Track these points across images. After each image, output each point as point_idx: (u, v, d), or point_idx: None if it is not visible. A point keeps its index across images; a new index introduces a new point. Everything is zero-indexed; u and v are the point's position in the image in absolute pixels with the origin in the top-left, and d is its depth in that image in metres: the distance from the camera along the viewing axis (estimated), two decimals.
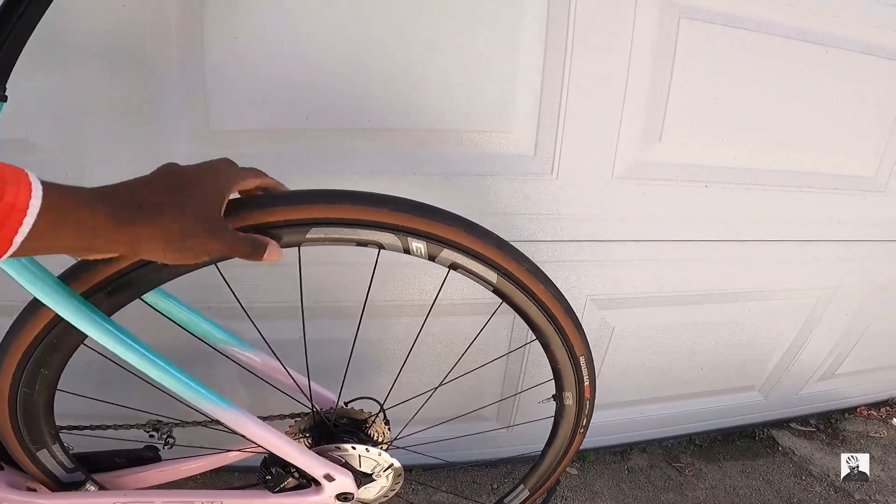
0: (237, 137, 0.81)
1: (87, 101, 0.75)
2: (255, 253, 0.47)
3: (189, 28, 0.73)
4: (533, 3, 0.78)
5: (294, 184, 0.80)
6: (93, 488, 0.70)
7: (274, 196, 0.53)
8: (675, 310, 1.13)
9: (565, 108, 0.84)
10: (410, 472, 1.28)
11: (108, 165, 0.79)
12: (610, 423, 1.31)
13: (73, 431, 0.72)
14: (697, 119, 0.90)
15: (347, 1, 0.74)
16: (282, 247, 0.54)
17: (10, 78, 0.51)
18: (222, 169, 0.46)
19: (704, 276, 1.08)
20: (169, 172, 0.43)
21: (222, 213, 0.44)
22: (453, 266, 0.58)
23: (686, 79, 0.86)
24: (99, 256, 0.40)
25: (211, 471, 0.79)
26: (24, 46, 0.51)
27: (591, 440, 1.33)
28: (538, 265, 0.64)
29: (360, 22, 0.75)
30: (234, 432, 0.60)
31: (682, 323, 1.17)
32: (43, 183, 0.34)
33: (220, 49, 0.75)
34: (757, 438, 1.52)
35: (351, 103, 0.80)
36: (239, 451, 0.73)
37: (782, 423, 1.57)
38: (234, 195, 0.49)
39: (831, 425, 1.59)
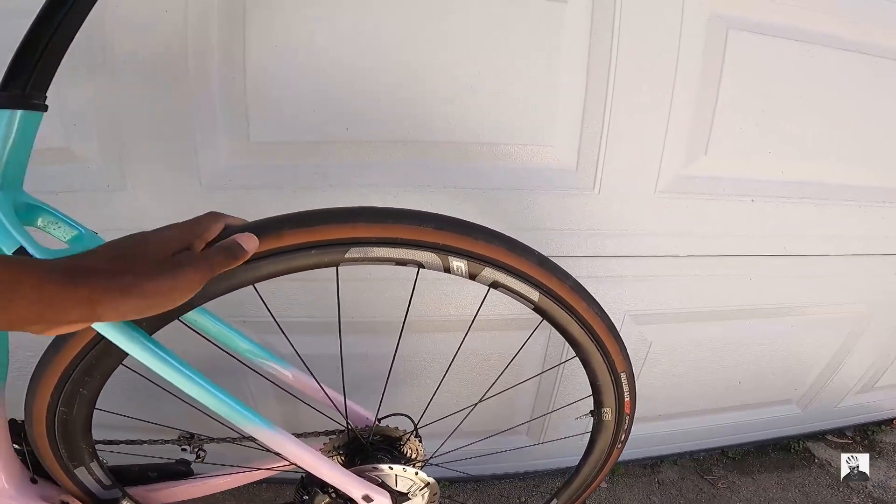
0: (277, 149, 0.80)
1: (127, 111, 0.75)
2: (234, 255, 0.46)
3: (231, 37, 0.73)
4: (575, 16, 0.77)
5: (332, 196, 0.81)
6: None
7: (311, 214, 0.52)
8: (714, 325, 1.10)
9: (609, 122, 0.82)
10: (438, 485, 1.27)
11: (148, 176, 0.79)
12: (641, 436, 1.28)
13: (109, 446, 0.72)
14: (745, 132, 0.87)
15: (391, 14, 0.73)
16: (319, 267, 0.53)
17: (52, 87, 0.51)
18: (175, 226, 0.45)
19: (747, 291, 1.05)
20: (118, 239, 0.42)
21: (178, 252, 0.43)
22: (494, 285, 0.56)
23: (733, 91, 0.84)
24: (60, 329, 0.37)
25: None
26: (64, 54, 0.50)
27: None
28: (579, 281, 0.62)
29: (402, 34, 0.74)
30: (272, 451, 0.59)
31: (721, 338, 1.13)
32: None
33: (261, 59, 0.74)
34: (792, 451, 1.47)
35: (392, 115, 0.79)
36: (271, 469, 0.72)
37: (818, 436, 1.52)
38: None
39: (867, 437, 1.54)
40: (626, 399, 0.73)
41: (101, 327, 0.49)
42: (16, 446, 0.64)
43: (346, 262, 0.52)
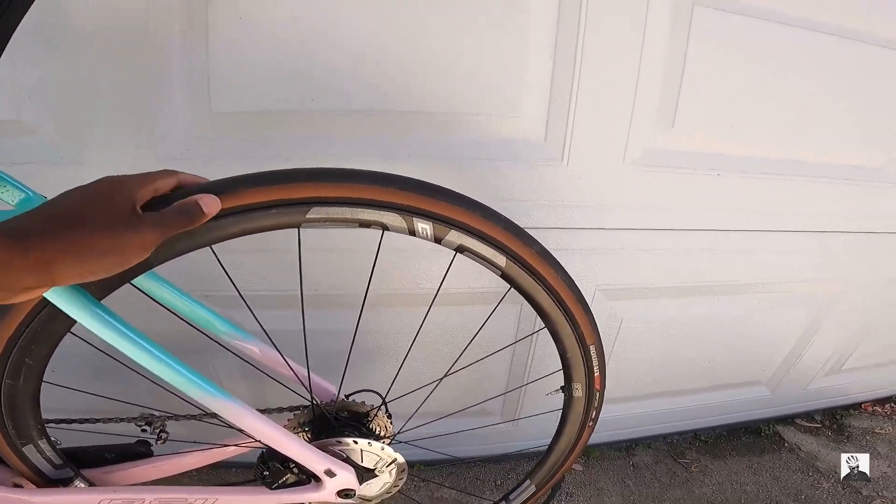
0: (240, 119, 0.78)
1: (85, 84, 0.73)
2: (192, 216, 0.44)
3: (192, 8, 0.71)
4: None
5: (294, 166, 0.79)
6: (82, 485, 0.67)
7: (272, 173, 0.50)
8: (684, 301, 1.12)
9: (577, 94, 0.82)
10: (412, 468, 1.25)
11: (105, 148, 0.77)
12: (615, 417, 1.29)
13: (61, 425, 0.69)
14: (710, 107, 0.88)
15: None
16: (279, 228, 0.51)
17: (6, 60, 0.48)
18: (121, 176, 0.43)
19: (715, 266, 1.06)
20: (63, 194, 0.40)
21: (134, 208, 0.41)
22: (460, 249, 0.55)
23: (699, 66, 0.84)
24: (19, 297, 0.35)
25: (207, 467, 0.76)
26: (15, 29, 0.48)
27: (595, 435, 1.29)
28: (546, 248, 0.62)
29: (370, 3, 0.73)
30: (231, 425, 0.57)
31: (691, 314, 1.15)
32: None
33: (224, 29, 0.72)
34: (762, 434, 1.50)
35: (359, 85, 0.77)
36: (236, 445, 0.70)
37: (787, 419, 1.56)
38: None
39: (836, 421, 1.58)
40: (595, 374, 0.72)
41: (47, 292, 0.47)
42: None
43: (307, 222, 0.51)
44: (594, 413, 0.78)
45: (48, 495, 0.62)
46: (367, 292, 0.65)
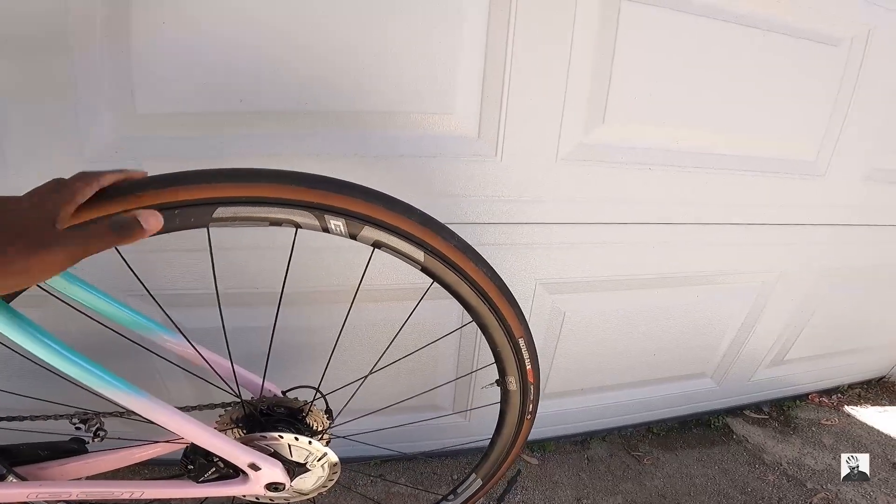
0: (167, 121, 0.77)
1: (4, 86, 0.72)
2: (126, 234, 0.42)
3: (114, 12, 0.70)
4: None
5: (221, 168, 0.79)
6: (14, 480, 0.66)
7: (174, 175, 0.49)
8: (625, 294, 1.14)
9: (508, 89, 0.83)
10: (369, 464, 1.26)
11: (29, 152, 0.75)
12: (568, 411, 1.32)
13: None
14: (640, 101, 0.90)
15: None
16: (187, 228, 0.51)
17: None
18: (51, 184, 0.42)
19: (652, 259, 1.09)
20: None
21: (53, 224, 0.39)
22: (377, 244, 0.56)
23: (628, 61, 0.86)
24: None
25: (146, 463, 0.75)
26: None
27: (550, 430, 1.34)
28: (479, 249, 0.63)
29: (297, 3, 0.73)
30: (148, 421, 0.57)
31: (632, 307, 1.17)
32: None
33: (146, 34, 0.72)
34: (712, 426, 1.54)
35: (288, 85, 0.77)
36: (167, 442, 0.70)
37: (736, 411, 1.60)
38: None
39: (783, 412, 1.63)
40: (527, 367, 0.74)
41: None
42: None
43: (214, 222, 0.51)
44: (531, 406, 0.79)
45: None
46: (283, 289, 0.65)
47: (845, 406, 1.68)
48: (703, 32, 0.88)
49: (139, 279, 0.60)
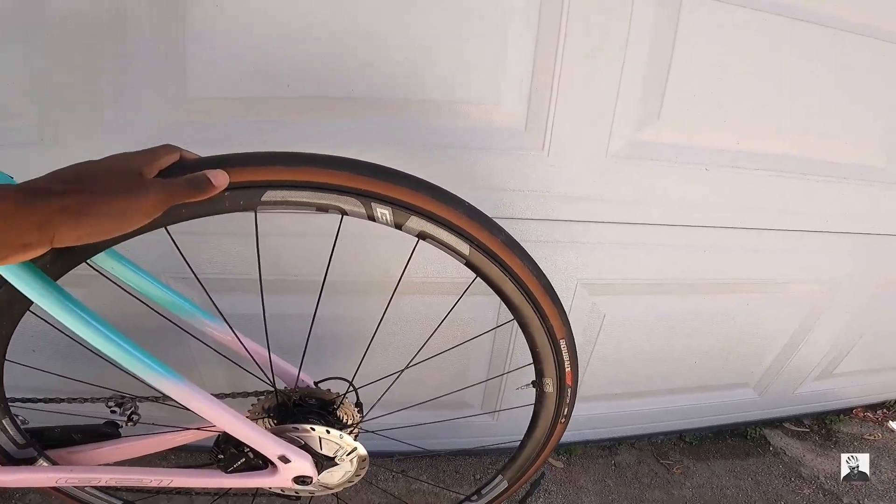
0: (216, 105, 0.78)
1: (63, 67, 0.73)
2: (201, 188, 0.45)
3: None
4: None
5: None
6: (45, 465, 0.66)
7: (225, 156, 0.49)
8: (669, 298, 1.09)
9: (559, 81, 0.80)
10: (392, 459, 1.25)
11: (82, 132, 0.77)
12: (598, 416, 1.28)
13: (27, 404, 0.69)
14: (699, 99, 0.85)
15: None
16: (236, 211, 0.50)
17: None
18: (130, 153, 0.45)
19: (702, 264, 1.04)
20: (77, 164, 0.42)
21: (141, 175, 0.42)
22: (422, 235, 0.54)
23: (688, 56, 0.82)
24: (15, 256, 0.36)
25: (174, 449, 0.76)
26: None
27: (578, 433, 1.31)
28: (522, 242, 0.60)
29: None
30: (183, 407, 0.56)
31: (676, 312, 1.12)
32: None
33: (201, 16, 0.72)
34: (748, 437, 1.49)
35: (335, 72, 0.76)
36: (197, 429, 0.70)
37: (776, 423, 1.54)
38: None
39: (825, 426, 1.56)
40: (566, 369, 0.71)
41: (3, 270, 0.46)
42: None
43: (263, 205, 0.50)
44: (566, 409, 0.77)
45: (6, 474, 0.62)
46: (324, 279, 0.64)
47: (890, 421, 1.60)
48: (773, 29, 0.83)
49: (186, 261, 0.60)
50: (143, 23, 0.72)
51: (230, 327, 0.65)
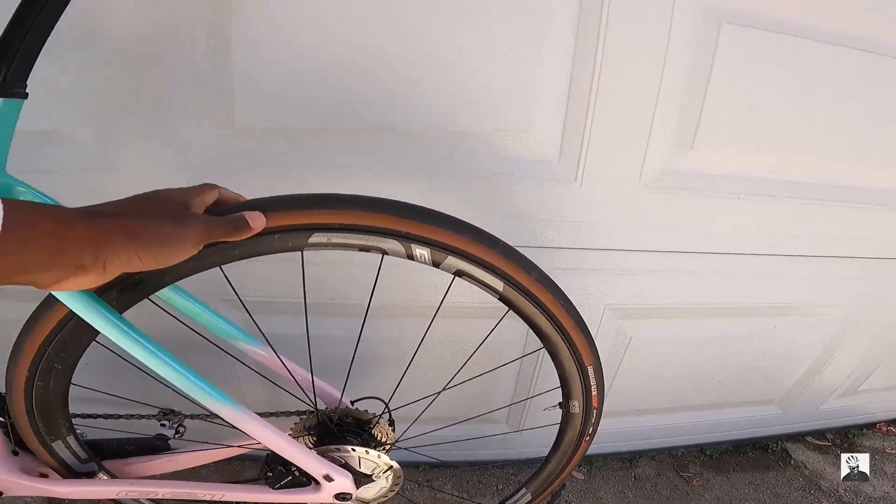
0: (261, 134, 0.80)
1: (115, 94, 0.76)
2: (239, 229, 0.47)
3: (218, 22, 0.73)
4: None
5: (313, 183, 0.82)
6: (104, 478, 0.71)
7: (274, 199, 0.52)
8: (697, 322, 1.09)
9: (593, 111, 0.80)
10: (417, 469, 1.29)
11: (134, 158, 0.80)
12: (619, 430, 1.29)
13: (87, 420, 0.74)
14: (734, 127, 0.85)
15: (373, 2, 0.73)
16: (284, 251, 0.54)
17: (45, 70, 0.52)
18: (176, 189, 0.47)
19: (731, 289, 1.03)
20: (131, 195, 0.44)
21: (188, 208, 0.45)
22: (458, 273, 0.57)
23: (724, 85, 0.81)
24: (67, 282, 0.37)
25: (220, 461, 0.80)
26: (44, 42, 0.51)
27: (598, 446, 1.32)
28: (551, 273, 0.63)
29: (382, 19, 0.74)
30: (238, 429, 0.60)
31: (703, 335, 1.13)
32: (6, 200, 0.32)
33: (246, 43, 0.74)
34: (770, 451, 1.49)
35: (373, 101, 0.78)
36: (240, 446, 0.74)
37: (798, 437, 1.53)
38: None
39: (848, 440, 1.55)
40: (593, 393, 0.73)
41: (73, 304, 0.50)
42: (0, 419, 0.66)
43: (309, 247, 0.53)
44: (591, 429, 0.79)
45: (71, 486, 0.67)
46: (367, 311, 0.67)
47: None
48: (810, 56, 0.82)
49: (232, 286, 0.63)
50: (194, 51, 0.74)
51: (275, 352, 0.69)
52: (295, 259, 0.85)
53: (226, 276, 0.59)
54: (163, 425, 0.76)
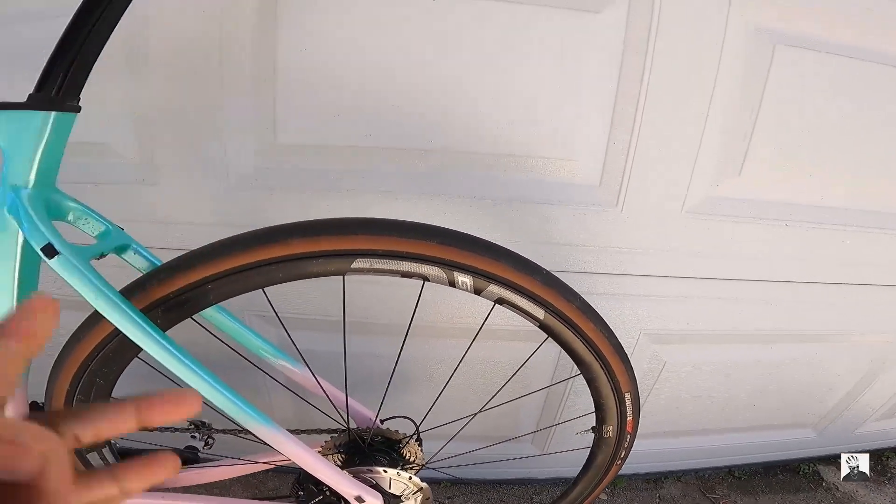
0: (301, 152, 0.80)
1: (161, 109, 0.77)
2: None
3: (262, 39, 0.73)
4: (609, 26, 0.73)
5: (351, 201, 0.82)
6: None
7: (320, 223, 0.53)
8: (734, 347, 1.06)
9: (637, 138, 0.79)
10: (438, 486, 1.28)
11: (179, 173, 0.80)
12: (646, 451, 1.26)
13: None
14: (784, 152, 0.82)
15: (417, 24, 0.72)
16: (326, 275, 0.54)
17: (95, 83, 0.52)
18: None
19: (772, 316, 1.01)
20: None
21: None
22: (499, 301, 0.56)
23: (775, 109, 0.79)
24: None
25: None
26: (97, 56, 0.51)
27: (624, 467, 1.29)
28: (588, 298, 0.61)
29: (426, 43, 0.74)
30: (274, 449, 0.60)
31: (738, 361, 1.10)
32: None
33: (290, 60, 0.74)
34: (801, 473, 1.44)
35: (413, 123, 0.78)
36: (267, 462, 0.75)
37: (831, 459, 1.48)
38: None
39: (881, 462, 1.50)
40: (628, 418, 0.72)
41: (120, 322, 0.51)
42: None
43: (351, 272, 0.53)
44: (623, 453, 0.78)
45: None
46: (406, 336, 0.66)
47: None
48: (865, 77, 0.79)
49: (273, 307, 0.63)
50: (239, 68, 0.74)
51: (311, 371, 0.69)
52: (327, 278, 0.85)
53: (268, 299, 0.60)
54: (193, 437, 0.76)
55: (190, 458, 0.79)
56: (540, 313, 0.57)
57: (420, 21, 0.72)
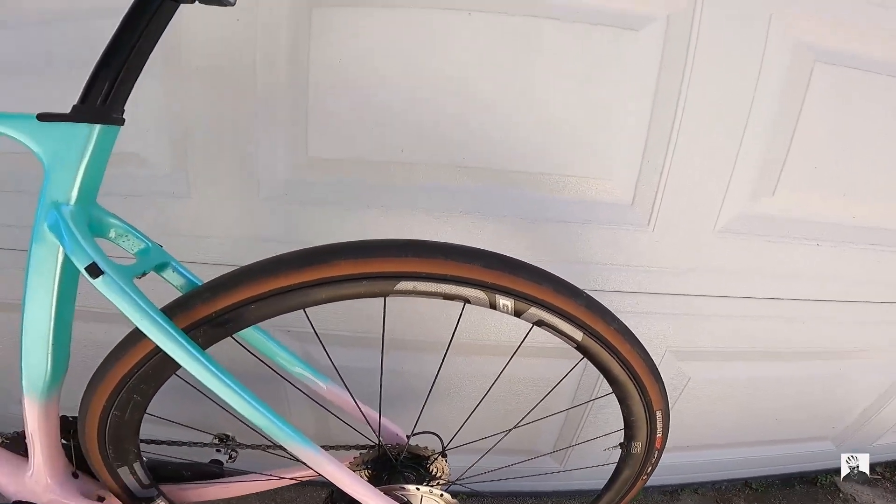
0: (333, 166, 0.80)
1: (195, 121, 0.77)
2: None
3: (296, 53, 0.73)
4: (647, 44, 0.73)
5: (383, 217, 0.82)
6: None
7: (366, 245, 0.53)
8: (760, 364, 1.06)
9: (671, 157, 0.78)
10: (455, 497, 1.27)
11: (211, 185, 0.80)
12: (665, 464, 1.24)
13: (151, 445, 0.75)
14: (820, 171, 0.82)
15: (452, 42, 0.72)
16: (368, 297, 0.53)
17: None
18: None
19: (800, 333, 1.00)
20: None
21: None
22: (539, 323, 0.56)
23: (812, 129, 0.78)
24: None
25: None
26: (142, 68, 0.51)
27: None
28: (617, 313, 0.61)
29: (462, 61, 0.74)
30: (309, 467, 0.60)
31: (763, 377, 1.09)
32: None
33: (323, 72, 0.74)
34: (818, 484, 1.43)
35: (446, 139, 0.78)
36: (292, 478, 0.75)
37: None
38: None
39: None
40: (658, 435, 0.72)
41: (161, 341, 0.51)
42: (63, 441, 0.66)
43: (394, 293, 0.53)
44: (650, 468, 0.78)
45: None
46: (444, 356, 0.66)
47: None
48: None
49: (313, 327, 0.63)
50: (271, 83, 0.74)
51: (347, 389, 0.69)
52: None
53: (309, 319, 0.60)
54: (218, 451, 0.76)
55: (215, 472, 0.79)
56: (578, 335, 0.57)
57: (457, 37, 0.72)
